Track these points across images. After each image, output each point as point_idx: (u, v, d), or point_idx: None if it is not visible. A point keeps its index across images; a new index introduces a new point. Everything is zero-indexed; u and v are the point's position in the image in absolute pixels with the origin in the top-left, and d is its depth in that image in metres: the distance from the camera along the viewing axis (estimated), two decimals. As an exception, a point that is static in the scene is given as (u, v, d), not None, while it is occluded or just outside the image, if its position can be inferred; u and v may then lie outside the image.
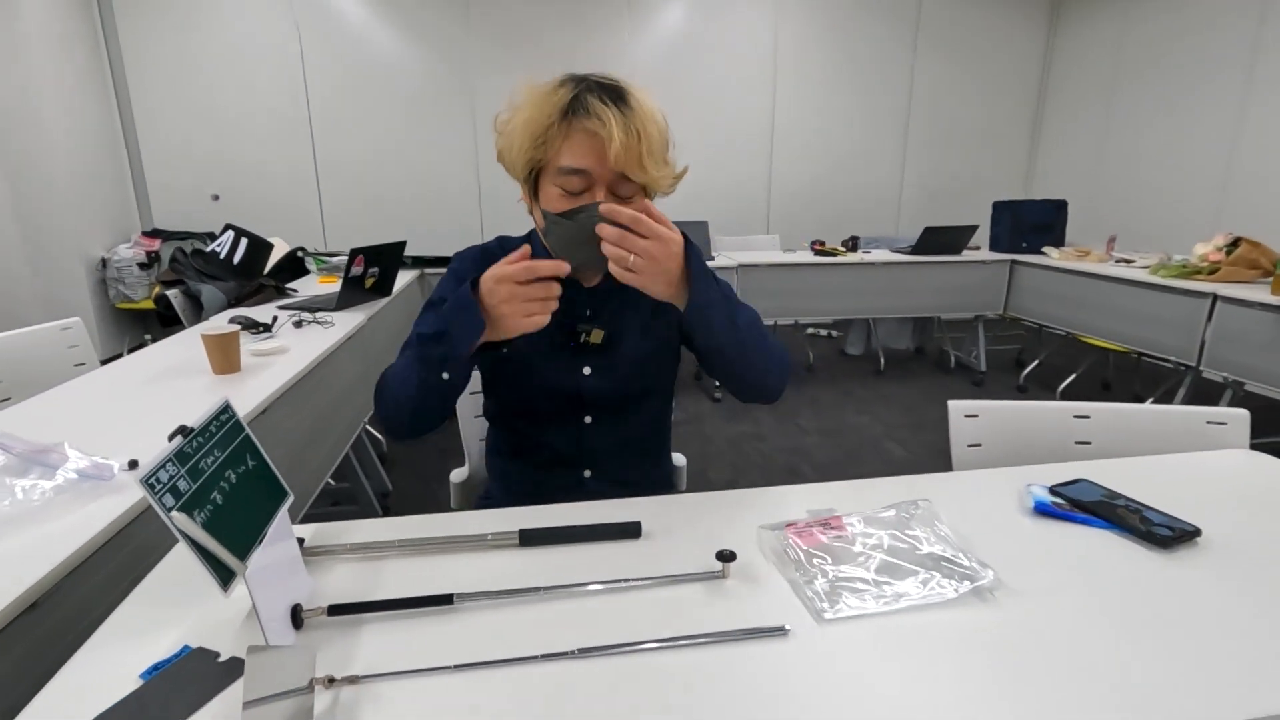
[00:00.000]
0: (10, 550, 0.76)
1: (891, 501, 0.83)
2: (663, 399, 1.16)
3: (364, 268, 2.26)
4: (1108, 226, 4.45)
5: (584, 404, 1.07)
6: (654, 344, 1.08)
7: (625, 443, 1.10)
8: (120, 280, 4.11)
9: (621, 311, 1.06)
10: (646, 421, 1.14)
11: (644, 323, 1.07)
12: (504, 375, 1.08)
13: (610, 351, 1.06)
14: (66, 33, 3.97)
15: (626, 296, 1.02)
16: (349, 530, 0.81)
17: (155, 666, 0.58)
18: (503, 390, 1.10)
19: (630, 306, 1.06)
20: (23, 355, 1.66)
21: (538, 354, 1.04)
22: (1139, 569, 0.73)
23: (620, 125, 0.89)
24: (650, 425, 1.15)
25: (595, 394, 1.06)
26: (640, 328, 1.07)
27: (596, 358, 1.06)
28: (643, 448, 1.15)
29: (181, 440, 0.66)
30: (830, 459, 3.01)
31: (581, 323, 1.04)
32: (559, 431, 1.08)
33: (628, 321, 1.06)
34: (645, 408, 1.12)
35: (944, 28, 5.28)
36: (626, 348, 1.06)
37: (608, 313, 1.06)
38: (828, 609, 0.64)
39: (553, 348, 1.04)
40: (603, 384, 1.06)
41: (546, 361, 1.05)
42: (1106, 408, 1.14)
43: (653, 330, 1.07)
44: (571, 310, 1.03)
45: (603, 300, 1.06)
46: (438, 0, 4.63)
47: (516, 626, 0.64)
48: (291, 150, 4.67)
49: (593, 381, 1.06)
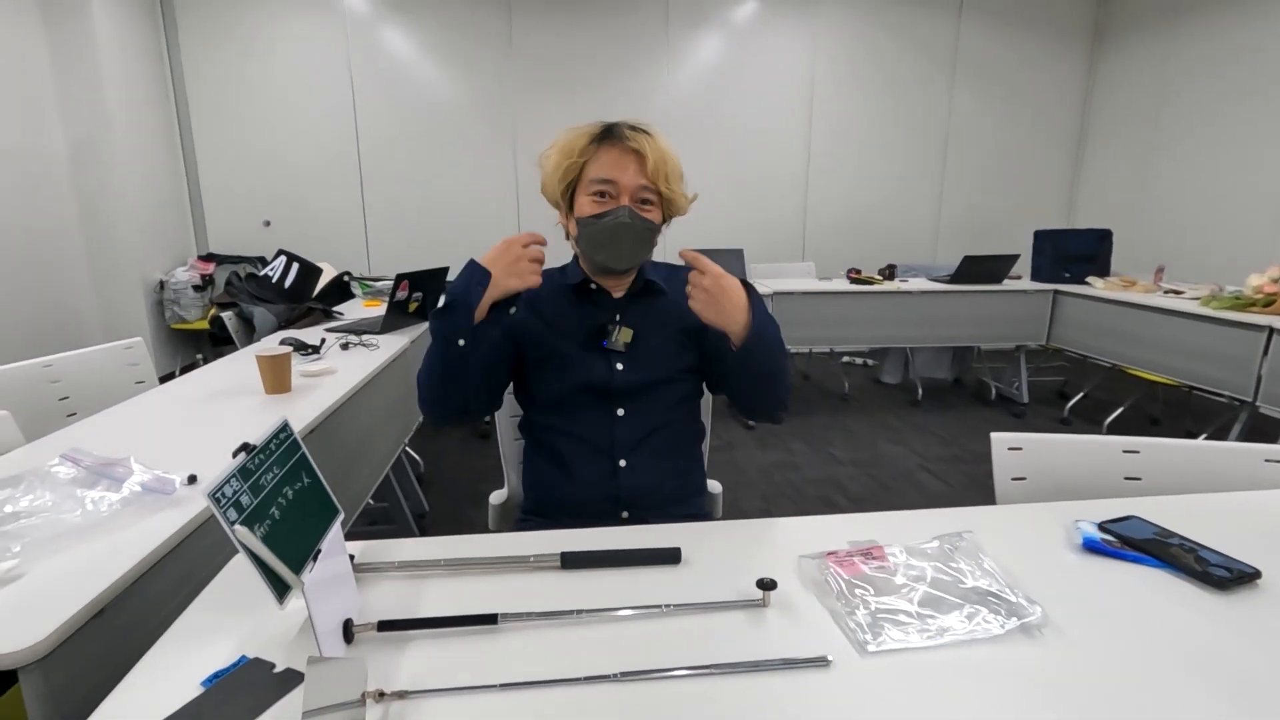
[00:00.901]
0: (80, 559, 0.80)
1: (933, 534, 0.83)
2: (689, 390, 1.23)
3: (408, 292, 2.32)
4: (1154, 257, 4.35)
5: (614, 395, 1.16)
6: (677, 342, 1.19)
7: (655, 431, 1.17)
8: (176, 301, 4.29)
9: (646, 316, 1.20)
10: (676, 412, 1.21)
11: (667, 323, 1.20)
12: (541, 375, 1.19)
13: (637, 348, 1.17)
14: (138, 71, 4.22)
15: (650, 304, 1.21)
16: (394, 549, 0.84)
17: (215, 675, 0.61)
18: (540, 388, 1.20)
19: (654, 311, 1.20)
20: (88, 373, 1.75)
21: (572, 353, 1.17)
22: (1195, 611, 0.71)
23: (652, 147, 1.10)
24: (679, 414, 1.22)
25: (625, 385, 1.16)
26: (664, 327, 1.19)
27: (626, 354, 1.17)
28: (672, 440, 1.20)
29: (245, 457, 0.69)
30: (865, 490, 2.96)
31: (611, 324, 1.17)
32: (592, 423, 1.17)
33: (652, 322, 1.19)
34: (672, 395, 1.20)
35: (982, 57, 5.27)
36: (652, 344, 1.18)
37: (633, 318, 1.19)
38: (870, 641, 0.64)
39: (585, 349, 1.17)
40: (632, 376, 1.16)
41: (581, 359, 1.17)
42: (1157, 443, 1.11)
43: (674, 328, 1.19)
44: (602, 316, 1.19)
45: (627, 307, 1.20)
46: (482, 37, 4.79)
47: (559, 648, 0.65)
48: (340, 179, 4.85)
49: (623, 374, 1.16)
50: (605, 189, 1.10)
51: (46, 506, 0.90)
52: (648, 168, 1.09)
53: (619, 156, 1.10)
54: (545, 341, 1.18)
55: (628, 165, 1.10)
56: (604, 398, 1.17)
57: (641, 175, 1.10)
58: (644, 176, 1.10)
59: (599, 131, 1.13)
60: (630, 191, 1.10)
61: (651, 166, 1.09)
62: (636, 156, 1.10)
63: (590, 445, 1.16)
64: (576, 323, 1.19)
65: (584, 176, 1.13)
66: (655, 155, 1.10)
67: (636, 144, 1.10)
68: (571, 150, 1.12)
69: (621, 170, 1.10)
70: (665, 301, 1.21)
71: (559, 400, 1.18)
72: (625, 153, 1.10)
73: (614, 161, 1.10)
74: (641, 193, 1.11)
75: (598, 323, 1.18)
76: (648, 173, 1.10)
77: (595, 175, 1.11)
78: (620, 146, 1.10)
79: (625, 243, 1.11)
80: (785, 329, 1.14)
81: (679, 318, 1.18)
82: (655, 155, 1.10)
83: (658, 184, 1.11)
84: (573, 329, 1.18)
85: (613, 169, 1.10)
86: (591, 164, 1.12)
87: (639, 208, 1.11)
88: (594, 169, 1.11)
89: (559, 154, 1.13)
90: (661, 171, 1.10)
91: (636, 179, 1.10)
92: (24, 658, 0.65)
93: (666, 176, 1.11)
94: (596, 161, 1.11)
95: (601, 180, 1.10)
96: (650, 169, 1.09)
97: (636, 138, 1.10)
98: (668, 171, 1.11)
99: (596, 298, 1.20)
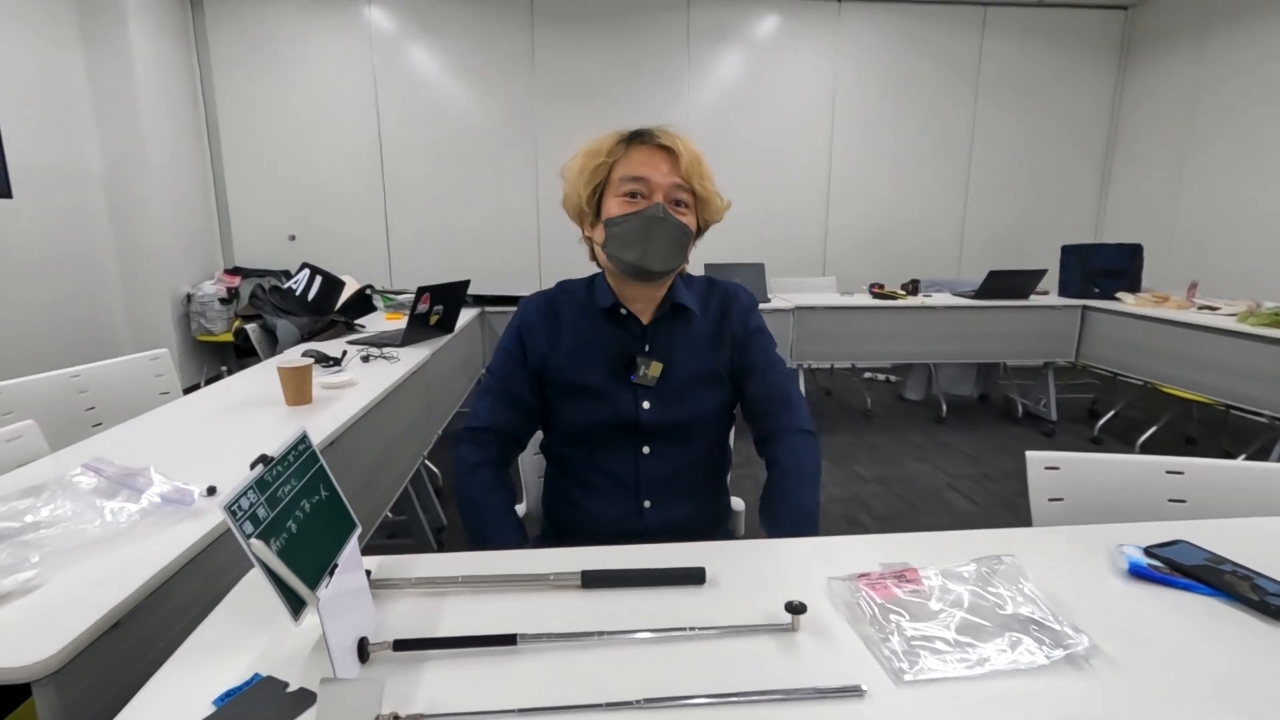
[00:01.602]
0: (98, 570, 0.80)
1: (969, 556, 0.79)
2: (719, 428, 1.19)
3: (429, 305, 2.33)
4: (1185, 272, 4.24)
5: (641, 433, 1.11)
6: (706, 372, 1.14)
7: (681, 470, 1.13)
8: (202, 314, 4.36)
9: (676, 343, 1.13)
10: (702, 449, 1.16)
11: (699, 352, 1.13)
12: (563, 407, 1.14)
13: (665, 382, 1.11)
14: (170, 90, 4.33)
15: (681, 328, 1.14)
16: (412, 564, 0.82)
17: (228, 693, 0.59)
18: (564, 420, 1.15)
19: (685, 338, 1.14)
20: (114, 383, 1.77)
21: (597, 386, 1.10)
22: (1253, 642, 0.67)
23: (684, 146, 1.05)
24: (706, 453, 1.18)
25: (652, 424, 1.11)
26: (696, 356, 1.13)
27: (653, 390, 1.11)
28: (699, 477, 1.17)
29: (263, 469, 0.68)
30: (890, 509, 2.90)
31: (640, 355, 1.11)
32: (617, 459, 1.12)
33: (682, 352, 1.13)
34: (701, 434, 1.16)
35: (1007, 71, 5.22)
36: (681, 376, 1.12)
37: (662, 345, 1.13)
38: (907, 669, 0.61)
39: (613, 382, 1.11)
40: (660, 415, 1.11)
41: (607, 394, 1.10)
42: (1203, 463, 1.06)
43: (706, 359, 1.14)
44: (629, 345, 1.12)
45: (656, 332, 1.13)
46: (504, 55, 4.85)
47: (579, 671, 0.63)
48: (363, 194, 4.91)
49: (650, 413, 1.11)
50: (637, 188, 1.04)
51: (67, 516, 0.89)
52: (681, 165, 1.03)
53: (650, 154, 1.04)
54: (568, 374, 1.12)
55: (660, 163, 1.04)
56: (630, 435, 1.11)
57: (675, 173, 1.04)
58: (677, 174, 1.04)
59: (628, 134, 1.07)
60: (664, 190, 1.03)
61: (685, 164, 1.03)
62: (668, 154, 1.04)
63: (615, 480, 1.12)
64: (602, 351, 1.12)
65: (612, 178, 1.06)
66: (689, 153, 1.04)
67: (668, 141, 1.04)
68: (599, 151, 1.06)
69: (653, 168, 1.03)
70: (696, 325, 1.15)
71: (582, 434, 1.13)
72: (656, 150, 1.04)
73: (645, 159, 1.04)
74: (675, 192, 1.04)
75: (625, 352, 1.11)
76: (681, 171, 1.04)
77: (626, 174, 1.04)
78: (651, 144, 1.05)
79: (661, 239, 1.03)
80: (807, 344, 1.14)
81: (711, 344, 1.13)
82: (689, 153, 1.04)
83: (692, 182, 1.05)
84: (597, 358, 1.12)
85: (644, 167, 1.04)
86: (621, 163, 1.05)
87: (673, 209, 1.04)
88: (624, 168, 1.05)
89: (585, 157, 1.07)
90: (696, 170, 1.05)
91: (670, 177, 1.04)
92: (37, 671, 0.64)
93: (701, 175, 1.06)
94: (627, 161, 1.05)
95: (632, 179, 1.03)
96: (684, 167, 1.03)
97: (668, 135, 1.05)
98: (702, 171, 1.06)
99: (625, 323, 1.13)
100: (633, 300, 1.13)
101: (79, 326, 3.83)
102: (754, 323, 1.19)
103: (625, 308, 1.12)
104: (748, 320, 1.18)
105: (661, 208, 1.02)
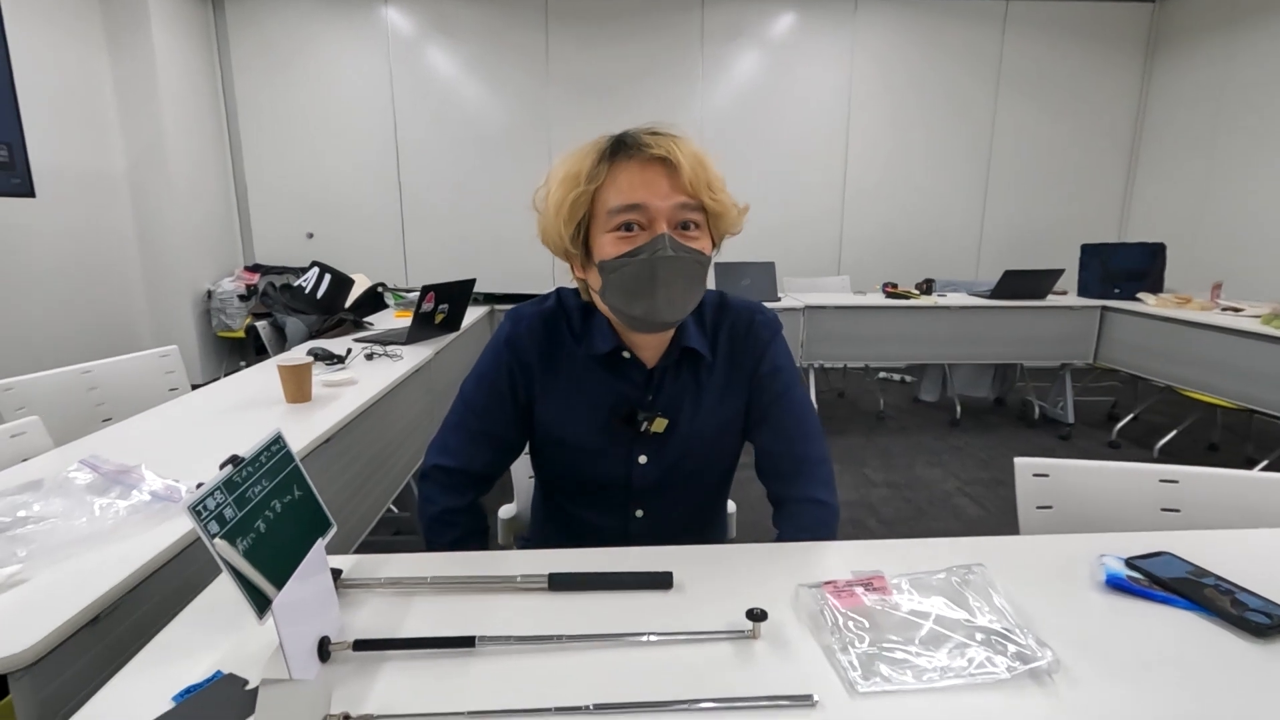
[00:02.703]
0: (80, 567, 0.82)
1: (946, 565, 0.78)
2: (721, 475, 1.08)
3: (434, 304, 2.35)
4: (1211, 273, 4.13)
5: (634, 494, 1.01)
6: (716, 426, 1.00)
7: (675, 528, 1.04)
8: (222, 310, 4.44)
9: (683, 393, 0.98)
10: (699, 504, 1.08)
11: (709, 404, 0.99)
12: (553, 457, 1.03)
13: (669, 435, 0.97)
14: (192, 92, 4.42)
15: (689, 375, 0.98)
16: (385, 564, 0.83)
17: (188, 689, 0.60)
18: (551, 470, 1.06)
19: (693, 387, 0.98)
20: (124, 380, 1.81)
21: (594, 442, 0.97)
22: (1227, 660, 0.65)
23: (683, 150, 0.84)
24: (704, 506, 1.09)
25: (646, 484, 1.00)
26: (704, 409, 0.99)
27: (654, 444, 0.98)
28: (697, 514, 1.09)
29: (232, 469, 0.69)
30: (898, 514, 2.87)
31: (643, 409, 0.96)
32: (605, 516, 1.03)
33: (689, 403, 0.98)
34: (700, 489, 1.05)
35: (1028, 68, 5.13)
36: (685, 431, 0.98)
37: (669, 394, 0.98)
38: (860, 681, 0.60)
39: (611, 435, 0.97)
40: (657, 473, 0.99)
41: (601, 450, 0.98)
42: (1200, 472, 1.04)
43: (717, 412, 0.99)
44: (632, 395, 0.97)
45: (662, 380, 0.98)
46: (519, 55, 4.87)
47: (536, 674, 0.63)
48: (380, 194, 4.97)
49: (647, 470, 0.99)
50: (632, 218, 0.84)
51: (57, 513, 0.92)
52: (683, 178, 0.83)
53: (641, 171, 0.84)
54: (553, 426, 0.98)
55: (656, 181, 0.83)
56: (621, 493, 1.00)
57: (677, 191, 0.84)
58: (680, 192, 0.84)
59: (608, 145, 0.86)
60: (666, 215, 0.83)
61: (688, 175, 0.83)
62: (665, 166, 0.84)
63: (605, 528, 1.03)
64: (596, 403, 0.96)
65: (598, 209, 0.86)
66: (689, 160, 0.83)
67: (662, 150, 0.83)
68: (577, 177, 0.85)
69: (649, 190, 0.83)
70: (707, 369, 0.98)
71: (569, 487, 1.04)
72: (649, 165, 0.83)
73: (637, 180, 0.84)
74: (681, 214, 0.84)
75: (623, 403, 0.96)
76: (684, 185, 0.83)
77: (615, 203, 0.84)
78: (641, 159, 0.84)
79: (674, 284, 0.84)
80: (819, 344, 1.06)
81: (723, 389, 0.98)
82: (689, 160, 0.83)
83: (699, 196, 0.84)
84: (590, 411, 0.97)
85: (637, 190, 0.83)
86: (606, 189, 0.85)
87: (682, 235, 0.85)
88: (611, 195, 0.84)
89: (560, 186, 0.87)
90: (701, 179, 0.84)
91: (672, 197, 0.83)
92: (13, 664, 0.66)
93: (709, 184, 0.85)
94: (613, 184, 0.84)
95: (624, 208, 0.83)
96: (686, 179, 0.83)
97: (660, 142, 0.84)
98: (709, 179, 0.85)
99: (626, 369, 0.96)
100: (636, 343, 0.96)
101: (102, 323, 3.93)
102: (772, 362, 1.00)
103: (630, 351, 0.96)
104: (764, 358, 1.00)
105: (667, 241, 0.82)
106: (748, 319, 1.01)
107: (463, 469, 1.01)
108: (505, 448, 1.04)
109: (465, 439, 1.01)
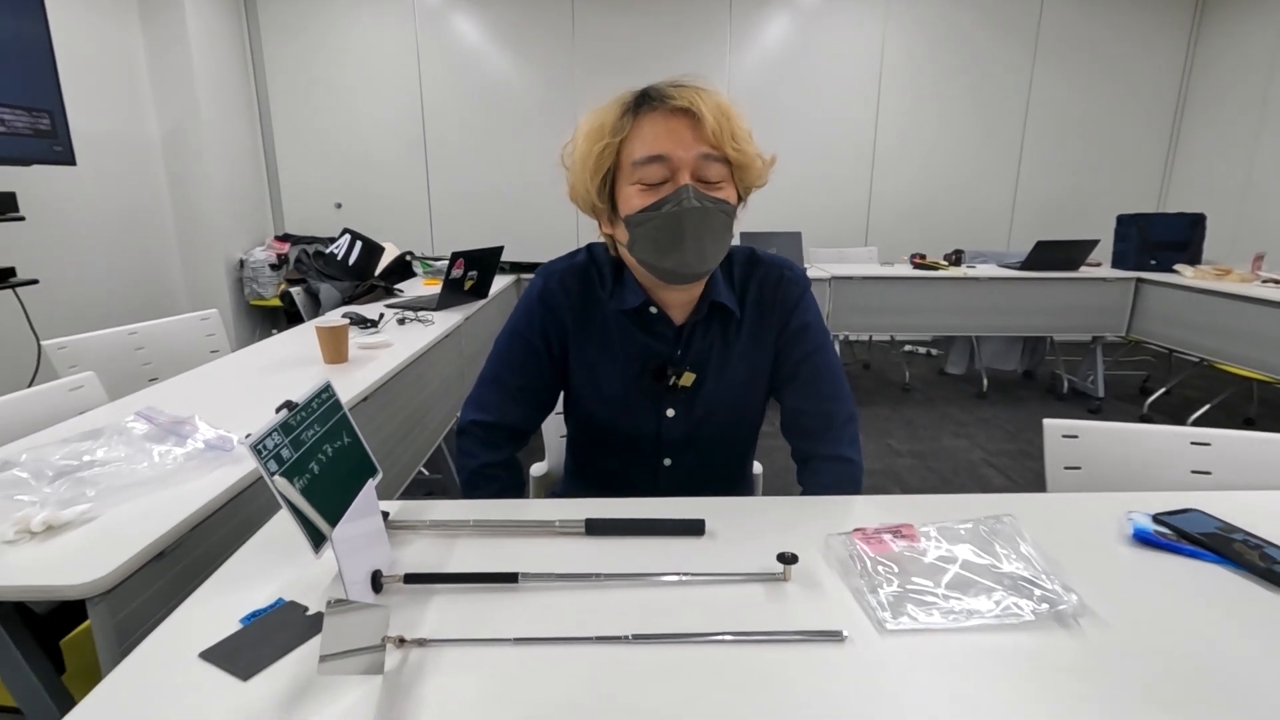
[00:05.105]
0: (145, 506, 0.87)
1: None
2: (747, 431, 1.09)
3: (463, 270, 2.38)
4: (1254, 244, 4.01)
5: (662, 446, 1.03)
6: (743, 381, 1.01)
7: (703, 480, 1.06)
8: (254, 279, 4.53)
9: (711, 348, 0.99)
10: (727, 458, 1.10)
11: (736, 359, 1.00)
12: (585, 409, 1.05)
13: (696, 390, 0.99)
14: (223, 64, 4.46)
15: (717, 331, 0.99)
16: (429, 508, 0.86)
17: (253, 614, 0.65)
18: (583, 420, 1.08)
19: (721, 342, 1.00)
20: (168, 340, 1.87)
21: (624, 395, 1.00)
22: (1255, 610, 0.66)
23: (706, 102, 0.85)
24: (731, 461, 1.11)
25: (674, 437, 1.02)
26: (731, 364, 1.00)
27: (682, 398, 1.00)
28: (725, 469, 1.11)
29: (287, 413, 0.73)
30: (923, 483, 2.87)
31: (672, 364, 0.98)
32: (635, 468, 1.06)
33: (717, 355, 1.00)
34: (727, 444, 1.07)
35: (1068, 35, 4.95)
36: (713, 385, 1.00)
37: (697, 349, 0.99)
38: (889, 619, 0.62)
39: (639, 390, 0.99)
40: (685, 427, 1.01)
41: (631, 403, 1.00)
42: (1233, 435, 1.04)
43: (744, 367, 1.01)
44: (661, 350, 0.99)
45: (691, 335, 0.99)
46: (545, 24, 4.83)
47: (576, 609, 0.66)
48: (407, 162, 5.00)
49: (675, 424, 1.01)
50: (655, 169, 0.85)
51: (120, 458, 0.97)
52: (706, 129, 0.84)
53: (665, 122, 0.85)
54: (588, 379, 1.01)
55: (680, 131, 0.84)
56: (650, 445, 1.02)
57: (701, 141, 0.84)
58: (704, 142, 0.84)
59: (633, 99, 0.87)
60: (690, 166, 0.85)
61: (711, 126, 0.83)
62: (689, 118, 0.84)
63: (635, 481, 1.06)
64: (626, 356, 0.99)
65: (623, 161, 0.87)
66: (712, 111, 0.84)
67: (685, 101, 0.84)
68: (601, 129, 0.87)
69: (673, 140, 0.84)
70: (736, 325, 1.00)
71: (600, 438, 1.06)
72: (672, 116, 0.84)
73: (661, 130, 0.84)
74: (705, 165, 0.85)
75: (653, 358, 0.98)
76: (707, 135, 0.84)
77: (639, 154, 0.85)
78: (664, 110, 0.85)
79: (699, 234, 0.85)
80: (844, 315, 1.07)
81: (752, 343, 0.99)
82: (712, 111, 0.84)
83: (723, 147, 0.85)
84: (620, 364, 0.99)
85: (661, 141, 0.84)
86: (631, 141, 0.86)
87: (706, 186, 0.86)
88: (635, 146, 0.86)
89: (586, 139, 0.88)
90: (726, 130, 0.85)
91: (695, 147, 0.84)
92: (91, 589, 0.71)
93: (733, 135, 0.85)
94: (638, 135, 0.86)
95: (648, 159, 0.84)
96: (710, 129, 0.84)
97: (683, 94, 0.84)
98: (733, 129, 0.85)
99: (655, 323, 0.98)
100: (665, 299, 0.98)
101: (140, 287, 4.03)
102: (801, 318, 1.01)
103: (657, 306, 0.98)
104: (793, 314, 1.00)
105: (691, 191, 0.84)
106: (777, 275, 1.01)
107: (499, 424, 1.04)
108: (540, 402, 1.07)
109: (501, 394, 1.04)
